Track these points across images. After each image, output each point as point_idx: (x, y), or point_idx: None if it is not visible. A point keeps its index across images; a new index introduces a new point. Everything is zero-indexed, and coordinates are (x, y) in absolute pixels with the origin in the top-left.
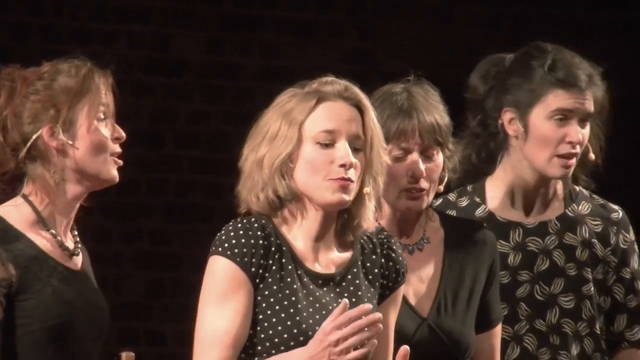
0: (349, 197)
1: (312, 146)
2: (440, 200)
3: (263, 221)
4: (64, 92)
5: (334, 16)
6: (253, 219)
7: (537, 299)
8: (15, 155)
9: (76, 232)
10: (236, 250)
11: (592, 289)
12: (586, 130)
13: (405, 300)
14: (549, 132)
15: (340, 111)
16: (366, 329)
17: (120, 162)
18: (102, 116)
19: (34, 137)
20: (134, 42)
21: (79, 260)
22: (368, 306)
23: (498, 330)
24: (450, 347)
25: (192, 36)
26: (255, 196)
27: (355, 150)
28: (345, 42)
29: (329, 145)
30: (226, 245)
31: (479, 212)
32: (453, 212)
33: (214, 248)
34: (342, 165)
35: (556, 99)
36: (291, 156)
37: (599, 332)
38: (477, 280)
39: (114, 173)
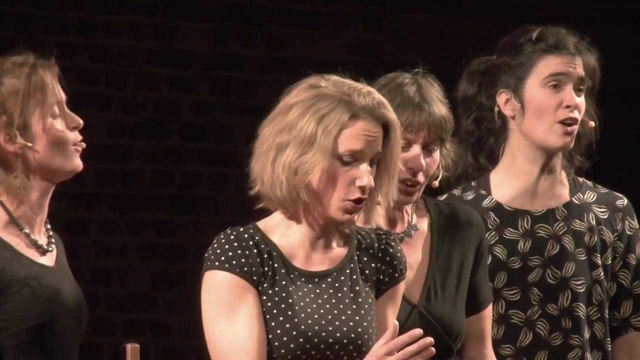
0: (357, 217)
1: (336, 162)
2: (445, 197)
3: (250, 230)
4: (12, 95)
5: (339, 7)
6: (242, 229)
7: (549, 283)
8: None
9: (49, 226)
10: (234, 262)
11: (602, 274)
12: (581, 99)
13: None
14: (545, 100)
15: (370, 132)
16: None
17: (82, 145)
18: (57, 111)
19: None
20: (139, 33)
21: (52, 256)
22: (419, 331)
23: (488, 312)
24: (442, 333)
25: (197, 28)
26: (280, 192)
27: (370, 164)
28: (351, 34)
29: (351, 163)
30: (223, 258)
31: (485, 203)
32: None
33: (209, 263)
34: (361, 187)
35: (547, 65)
36: None
37: (608, 317)
38: (464, 264)
39: (77, 162)
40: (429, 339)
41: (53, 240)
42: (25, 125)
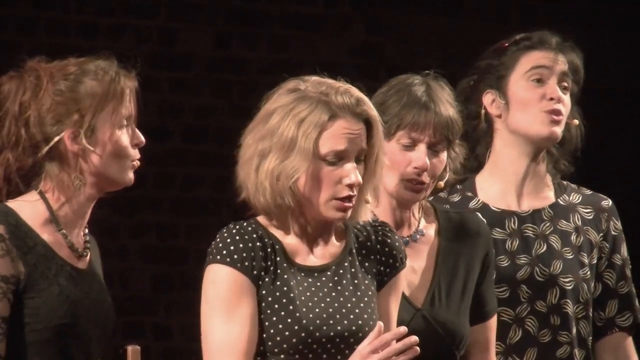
0: (349, 215)
1: (320, 163)
2: (431, 199)
3: (253, 225)
4: (89, 96)
5: (341, 10)
6: (245, 224)
7: (538, 280)
8: (35, 152)
9: (87, 231)
10: (236, 257)
11: (589, 273)
12: (567, 97)
13: None
14: (528, 93)
15: (351, 130)
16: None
17: (138, 164)
18: (125, 122)
19: (56, 139)
20: (141, 36)
21: (86, 260)
22: (403, 329)
23: (493, 322)
24: (445, 337)
25: (199, 30)
26: (264, 199)
27: (357, 161)
28: (353, 36)
29: (336, 163)
30: (224, 252)
31: (472, 204)
32: (447, 207)
33: (211, 257)
34: (349, 185)
35: (529, 60)
36: None
37: (592, 316)
38: (470, 272)
39: (130, 177)
40: (414, 338)
41: (89, 245)
42: (93, 129)
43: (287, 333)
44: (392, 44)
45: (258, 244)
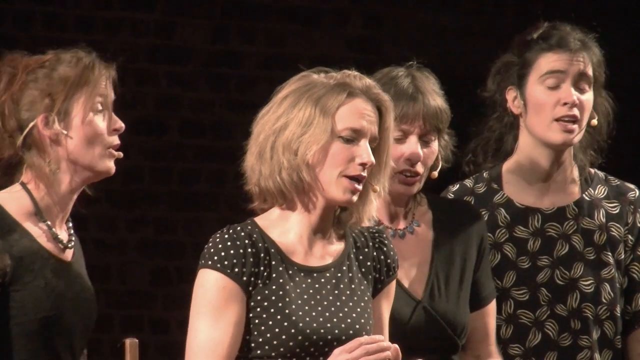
0: (356, 199)
1: (335, 139)
2: (457, 187)
3: (249, 227)
4: (61, 81)
5: (338, 3)
6: (239, 228)
7: (558, 284)
8: (13, 142)
9: (71, 224)
10: (226, 262)
11: (613, 271)
12: (586, 96)
13: (399, 284)
14: (542, 97)
15: (367, 111)
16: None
17: (119, 154)
18: (100, 107)
19: (30, 125)
20: (138, 30)
21: (70, 252)
22: (380, 336)
23: (491, 308)
24: (447, 328)
25: (196, 24)
26: (279, 177)
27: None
28: (350, 30)
29: (351, 141)
30: (216, 258)
31: (497, 198)
32: (471, 199)
33: (203, 261)
34: (362, 164)
35: (546, 62)
36: None
37: (619, 315)
38: (467, 260)
39: (110, 165)
40: (394, 345)
41: (73, 238)
42: (66, 112)
43: (283, 336)
44: (390, 38)
45: (250, 249)
